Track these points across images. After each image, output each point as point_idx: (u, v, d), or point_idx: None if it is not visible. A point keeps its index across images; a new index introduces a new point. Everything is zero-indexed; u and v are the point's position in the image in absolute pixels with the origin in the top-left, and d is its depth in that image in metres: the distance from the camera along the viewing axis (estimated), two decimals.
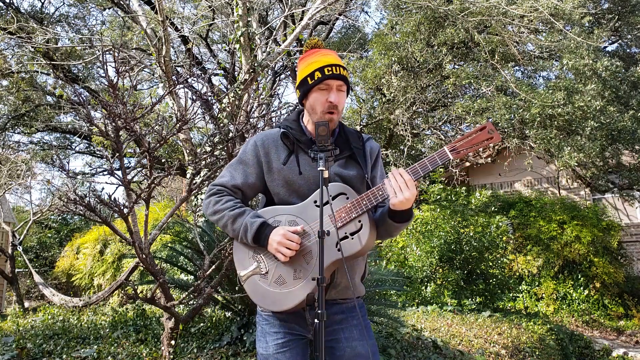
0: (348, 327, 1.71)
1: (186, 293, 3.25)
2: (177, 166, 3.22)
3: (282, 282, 1.63)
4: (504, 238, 7.91)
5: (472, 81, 9.22)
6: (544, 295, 9.05)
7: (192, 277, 4.31)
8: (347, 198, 1.63)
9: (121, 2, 9.68)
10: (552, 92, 8.30)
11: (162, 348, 3.44)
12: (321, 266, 1.46)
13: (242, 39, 6.19)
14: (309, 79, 1.71)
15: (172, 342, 3.41)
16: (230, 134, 3.54)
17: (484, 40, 9.01)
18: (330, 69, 1.68)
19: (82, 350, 3.64)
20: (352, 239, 1.59)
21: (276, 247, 1.59)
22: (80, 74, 12.51)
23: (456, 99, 10.69)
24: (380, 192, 1.61)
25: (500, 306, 7.66)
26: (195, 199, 6.24)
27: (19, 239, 9.98)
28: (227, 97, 5.92)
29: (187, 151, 6.57)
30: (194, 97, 3.80)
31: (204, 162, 3.60)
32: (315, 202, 1.64)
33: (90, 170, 15.72)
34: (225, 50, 11.29)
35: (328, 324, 1.69)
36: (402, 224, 1.65)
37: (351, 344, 1.68)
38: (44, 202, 16.79)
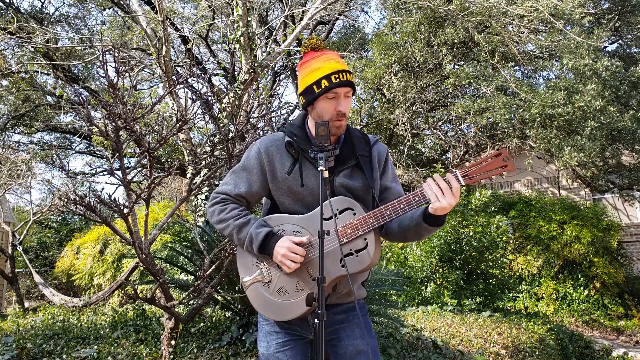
0: (349, 326, 1.71)
1: (186, 293, 3.25)
2: (177, 166, 3.22)
3: (284, 292, 1.62)
4: (504, 238, 7.91)
5: (472, 81, 9.22)
6: (544, 295, 9.05)
7: (192, 277, 4.31)
8: (354, 214, 1.60)
9: (121, 2, 9.67)
10: (552, 92, 8.30)
11: (162, 348, 3.44)
12: (321, 266, 1.46)
13: (242, 39, 6.19)
14: (315, 87, 1.64)
15: (172, 342, 3.41)
16: (230, 134, 3.53)
17: (484, 40, 9.01)
18: (337, 76, 1.63)
19: (82, 350, 3.64)
20: (357, 256, 1.58)
21: (281, 260, 1.58)
22: (80, 74, 12.50)
23: (456, 99, 10.69)
24: (389, 212, 1.58)
25: (500, 306, 7.65)
26: (195, 199, 6.24)
27: (19, 239, 9.98)
28: (227, 97, 5.92)
29: (187, 151, 6.57)
30: (194, 97, 3.80)
31: (204, 162, 3.60)
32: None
33: (90, 170, 15.72)
34: (225, 50, 11.29)
35: (329, 324, 1.69)
36: (435, 227, 1.61)
37: (353, 342, 1.69)
38: (44, 202, 16.82)
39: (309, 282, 1.60)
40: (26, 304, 10.47)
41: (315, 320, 1.42)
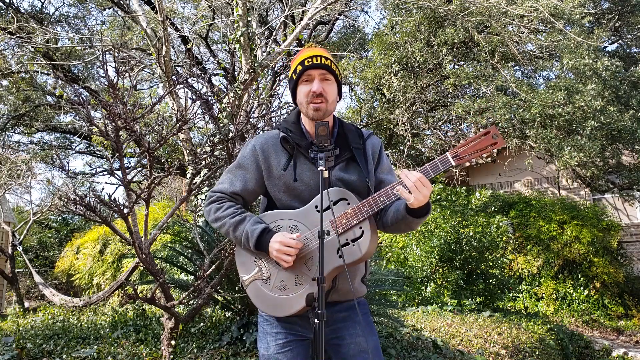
0: (351, 324, 1.71)
1: (186, 293, 3.25)
2: (177, 166, 3.22)
3: (283, 288, 1.62)
4: (504, 238, 7.91)
5: (472, 81, 9.21)
6: (544, 295, 9.04)
7: (192, 277, 4.31)
8: (348, 204, 1.61)
9: (121, 2, 9.68)
10: (552, 92, 8.29)
11: (162, 348, 3.44)
12: (321, 266, 1.46)
13: (242, 39, 6.19)
14: (293, 75, 1.73)
15: (172, 342, 3.41)
16: (230, 134, 3.53)
17: (484, 40, 9.01)
18: (310, 60, 1.68)
19: (82, 350, 3.64)
20: (353, 245, 1.58)
21: (276, 255, 1.58)
22: (80, 74, 12.50)
23: (456, 99, 10.69)
24: (382, 199, 1.58)
25: (500, 306, 7.65)
26: (195, 199, 6.24)
27: (19, 239, 9.97)
28: (227, 97, 5.91)
29: (187, 151, 6.56)
30: (194, 97, 3.80)
31: (204, 162, 3.60)
32: (316, 207, 1.62)
33: (90, 170, 15.71)
34: (225, 50, 11.29)
35: (331, 322, 1.69)
36: (423, 217, 1.62)
37: (355, 340, 1.68)
38: (44, 202, 16.81)
39: (308, 276, 1.60)
40: (26, 304, 10.47)
41: (316, 320, 1.42)
